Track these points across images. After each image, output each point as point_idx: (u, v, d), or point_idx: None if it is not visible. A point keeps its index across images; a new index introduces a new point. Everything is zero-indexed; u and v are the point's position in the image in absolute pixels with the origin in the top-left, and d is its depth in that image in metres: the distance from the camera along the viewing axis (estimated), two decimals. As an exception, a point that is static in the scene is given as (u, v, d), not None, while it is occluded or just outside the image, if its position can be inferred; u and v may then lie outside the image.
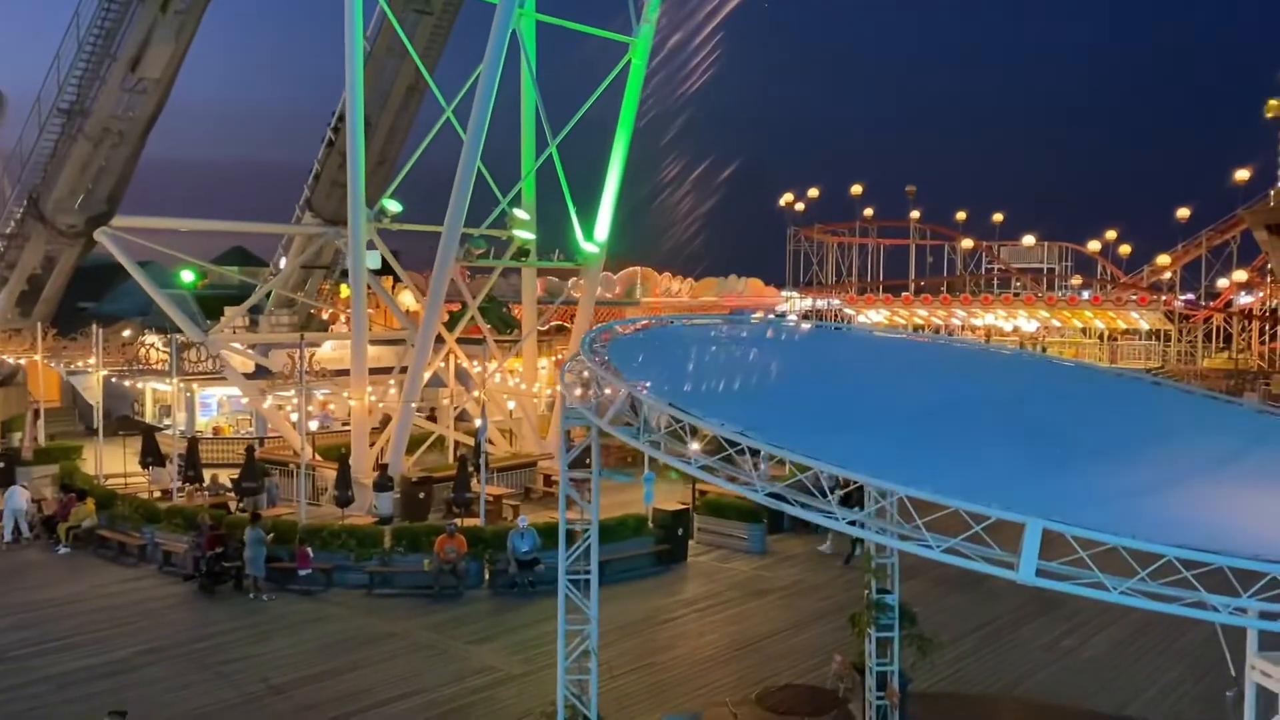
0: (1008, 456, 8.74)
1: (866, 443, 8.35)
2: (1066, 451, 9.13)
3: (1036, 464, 8.63)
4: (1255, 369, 61.60)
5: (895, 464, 7.51)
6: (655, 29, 33.14)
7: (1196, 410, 12.01)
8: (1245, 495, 8.53)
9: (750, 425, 7.98)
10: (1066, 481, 8.18)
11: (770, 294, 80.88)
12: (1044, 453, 9.03)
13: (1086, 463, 8.89)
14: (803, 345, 14.36)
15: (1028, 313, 68.33)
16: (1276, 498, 8.57)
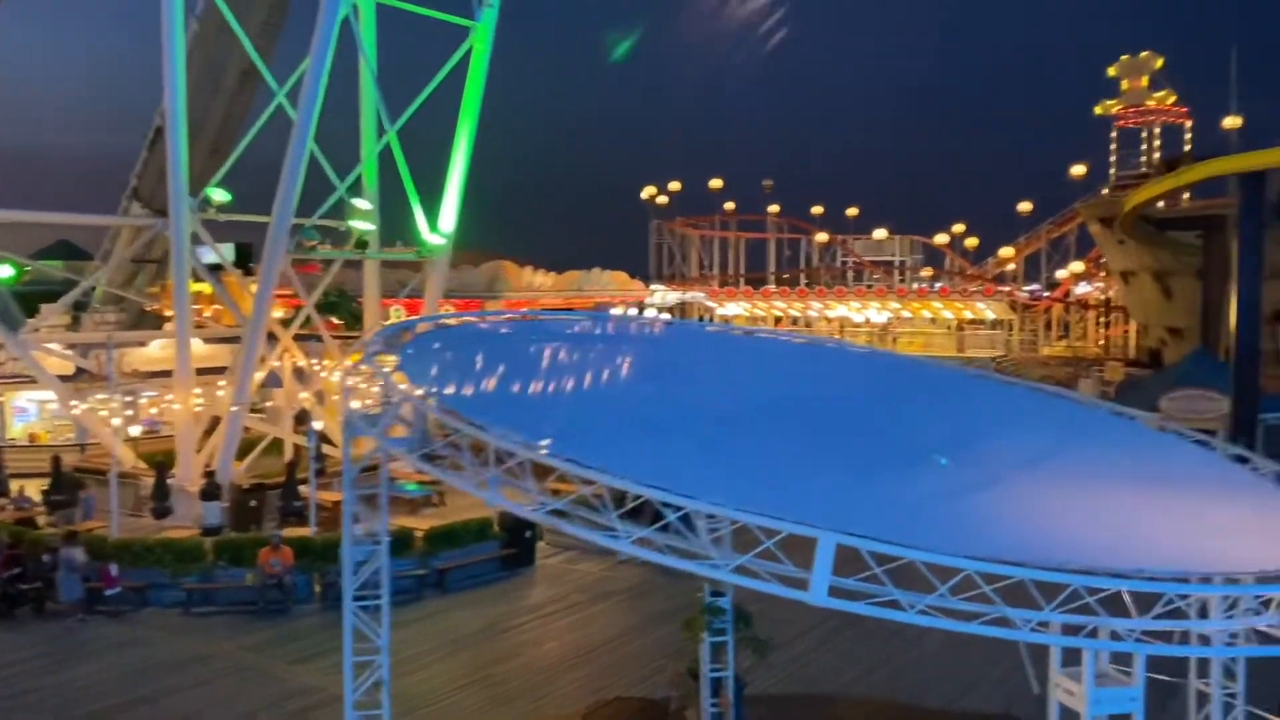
0: (816, 461, 8.29)
1: (664, 450, 7.74)
2: (881, 453, 8.75)
3: (846, 468, 8.19)
4: (1092, 356, 64.71)
5: (690, 472, 6.93)
6: (498, 13, 31.99)
7: (1018, 405, 11.91)
8: (1056, 495, 8.31)
9: (545, 434, 7.25)
10: (875, 487, 7.76)
11: (635, 286, 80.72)
12: (857, 455, 8.61)
13: (899, 465, 8.52)
14: (636, 344, 13.76)
15: (880, 304, 70.13)
16: (1087, 496, 8.37)
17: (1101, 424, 11.30)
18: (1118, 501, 8.41)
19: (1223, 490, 9.25)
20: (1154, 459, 10.00)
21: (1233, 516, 8.48)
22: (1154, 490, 8.87)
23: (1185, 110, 64.43)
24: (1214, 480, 9.56)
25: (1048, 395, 12.44)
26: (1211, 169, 31.85)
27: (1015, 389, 12.87)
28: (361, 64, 31.91)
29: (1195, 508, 8.57)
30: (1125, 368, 48.85)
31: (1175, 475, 9.43)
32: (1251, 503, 9.08)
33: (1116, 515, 7.97)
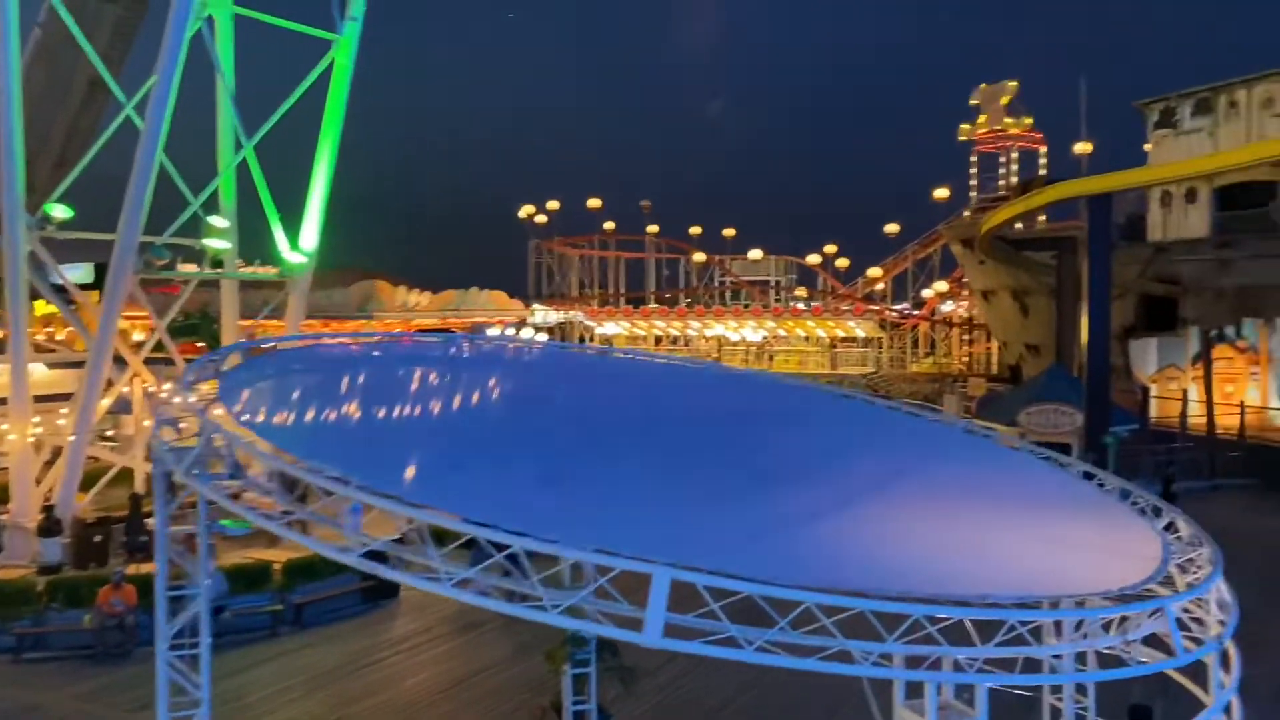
0: (664, 489, 8.00)
1: (503, 480, 7.32)
2: (734, 478, 8.51)
3: (694, 496, 7.92)
4: (957, 372, 66.93)
5: (526, 505, 6.51)
6: (361, 26, 31.11)
7: (876, 424, 11.89)
8: (906, 518, 8.21)
9: (369, 467, 6.72)
10: (723, 515, 7.50)
11: (514, 306, 79.88)
12: (708, 481, 8.35)
13: (751, 490, 8.30)
14: (490, 367, 13.26)
15: (756, 323, 71.11)
16: (937, 518, 8.29)
17: (955, 442, 11.36)
18: (967, 522, 8.36)
19: (1070, 508, 9.34)
20: (1004, 477, 10.06)
21: (1079, 535, 8.52)
22: (1003, 509, 8.87)
23: (1040, 136, 67.53)
24: (1061, 498, 9.65)
25: (904, 414, 12.48)
26: (1061, 192, 33.26)
27: (875, 408, 12.89)
28: (221, 73, 30.59)
29: (1043, 527, 8.58)
30: (987, 383, 50.62)
31: (1024, 493, 9.48)
32: (1097, 520, 9.18)
33: (964, 537, 7.90)
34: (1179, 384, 42.81)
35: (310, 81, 30.29)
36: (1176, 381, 43.23)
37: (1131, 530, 8.77)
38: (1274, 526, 27.92)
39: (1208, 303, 39.45)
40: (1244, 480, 34.64)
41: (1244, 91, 39.80)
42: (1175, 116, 42.50)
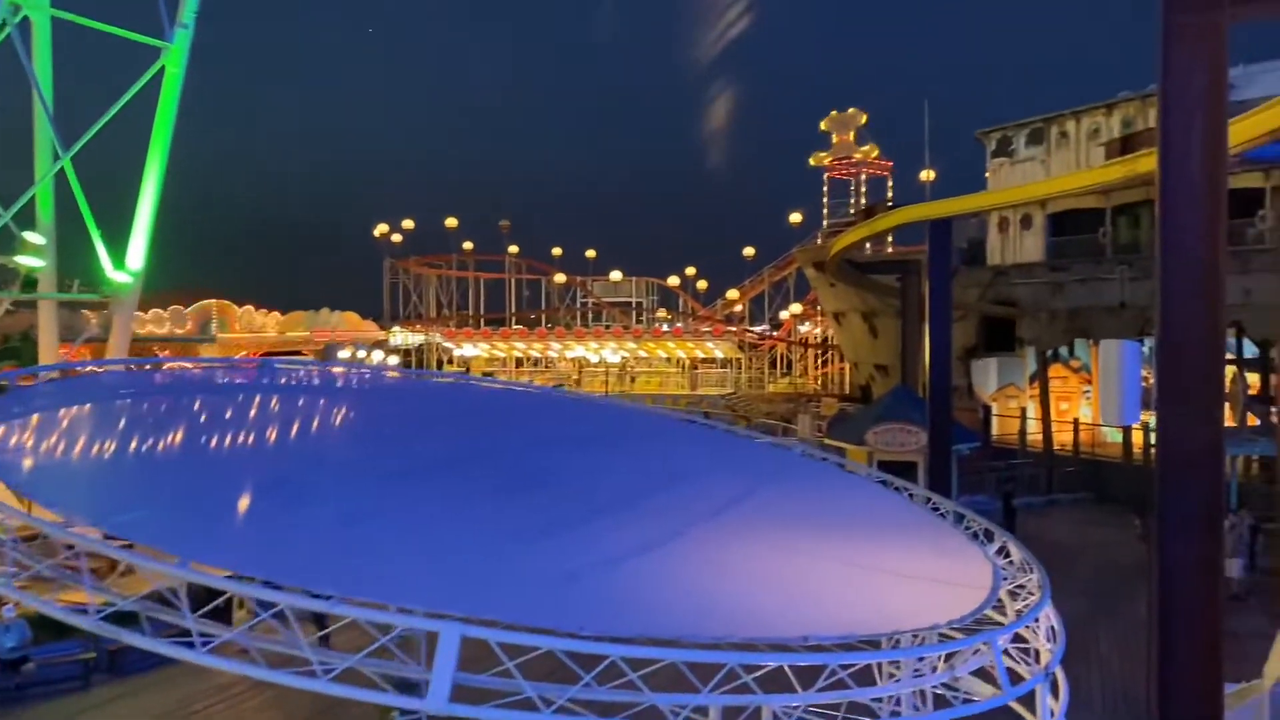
0: (472, 528, 7.39)
1: (292, 524, 6.57)
2: (552, 513, 7.97)
3: (503, 535, 7.34)
4: (812, 392, 68.34)
5: (307, 554, 5.79)
6: (192, 34, 29.48)
7: (714, 450, 11.56)
8: (732, 552, 7.83)
9: (127, 514, 5.88)
10: (531, 557, 6.94)
11: (367, 328, 77.55)
12: (523, 518, 7.78)
13: (569, 526, 7.77)
14: (305, 396, 12.36)
15: (617, 344, 70.99)
16: (765, 551, 7.94)
17: (792, 467, 11.13)
18: (797, 554, 8.04)
19: (902, 535, 9.15)
20: (838, 503, 9.84)
21: (911, 564, 8.31)
22: (834, 539, 8.60)
23: (889, 164, 69.87)
24: (895, 524, 9.47)
25: (743, 438, 12.22)
26: (902, 216, 34.21)
27: (715, 431, 12.59)
28: (37, 81, 28.45)
29: (874, 556, 8.34)
30: (839, 402, 51.72)
31: (857, 520, 9.26)
32: (930, 547, 9.02)
33: (792, 571, 7.58)
34: (1018, 402, 44.62)
35: (135, 91, 28.51)
36: (1016, 400, 45.06)
37: (963, 557, 8.62)
38: (1106, 538, 29.10)
39: (1043, 324, 41.28)
40: (1079, 494, 36.20)
41: (1073, 122, 42.04)
42: (1011, 146, 44.54)
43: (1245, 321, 34.41)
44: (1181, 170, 9.71)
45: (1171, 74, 9.95)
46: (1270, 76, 25.12)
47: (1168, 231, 9.76)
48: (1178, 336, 9.40)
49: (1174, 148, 9.85)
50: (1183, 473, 9.58)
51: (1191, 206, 9.55)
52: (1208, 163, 9.67)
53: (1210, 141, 9.67)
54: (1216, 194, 9.63)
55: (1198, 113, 9.85)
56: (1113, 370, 9.93)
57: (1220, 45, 10.00)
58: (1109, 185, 21.48)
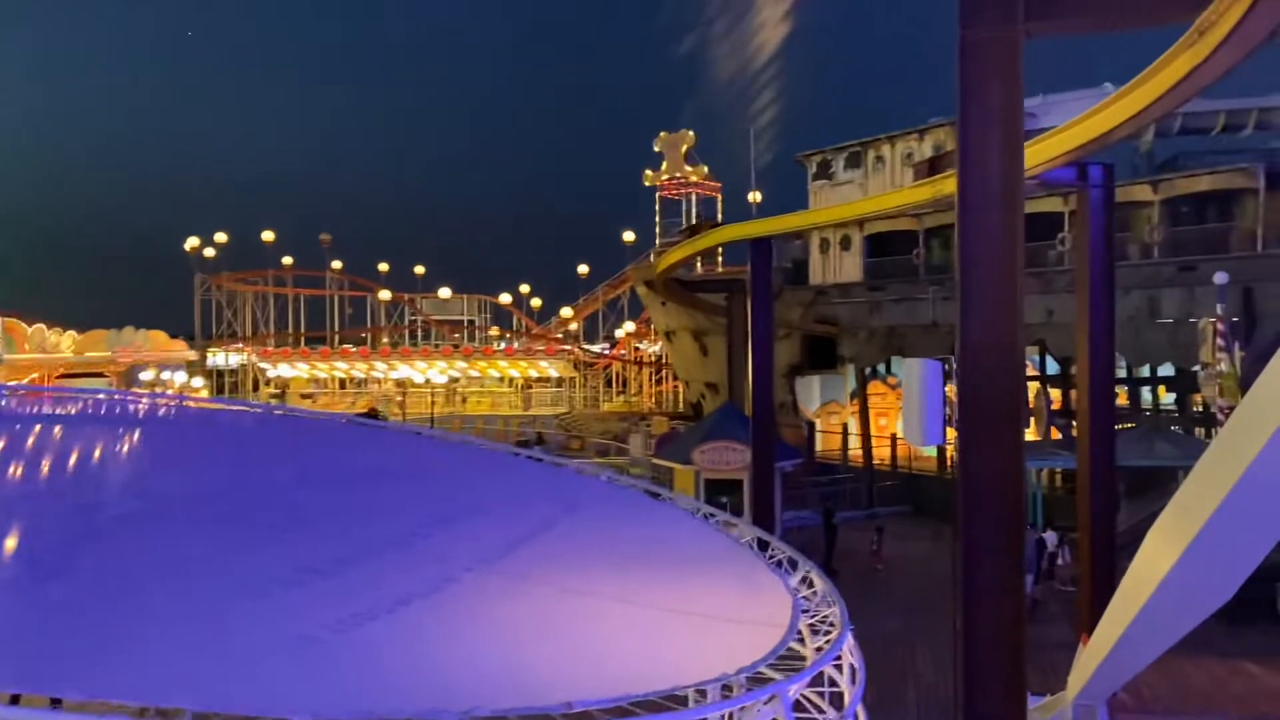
0: (192, 583, 6.25)
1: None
2: (307, 559, 6.91)
3: (232, 590, 6.24)
4: (646, 411, 68.32)
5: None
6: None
7: (514, 480, 10.69)
8: (512, 597, 6.98)
9: None
10: (258, 617, 5.88)
11: (177, 348, 72.82)
12: (262, 568, 6.70)
13: (324, 574, 6.74)
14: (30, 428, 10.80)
15: (447, 364, 69.16)
16: (543, 597, 7.11)
17: (593, 497, 10.38)
18: (582, 597, 7.25)
19: (703, 567, 8.52)
20: (639, 535, 9.13)
21: (704, 602, 7.64)
22: (627, 576, 7.86)
23: (718, 185, 70.87)
24: (697, 555, 8.83)
25: (549, 467, 11.39)
26: (724, 235, 34.39)
27: (518, 461, 11.70)
28: None
29: (666, 594, 7.64)
30: (670, 421, 51.72)
31: (654, 554, 8.56)
32: (728, 580, 8.42)
33: (573, 618, 6.79)
34: (840, 418, 45.64)
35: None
36: (838, 416, 46.07)
37: (762, 590, 8.04)
38: (923, 552, 29.72)
39: (861, 342, 42.36)
40: (898, 508, 37.11)
41: (888, 146, 43.47)
42: (831, 169, 45.68)
43: (1048, 340, 36.14)
44: (980, 181, 9.54)
45: (969, 88, 9.79)
46: (1070, 106, 26.35)
47: (967, 241, 9.57)
48: (976, 356, 9.17)
49: (972, 158, 9.68)
50: (984, 492, 9.35)
51: (990, 214, 9.37)
52: (1005, 173, 9.53)
53: (1007, 152, 9.53)
54: (1014, 204, 9.49)
55: (994, 125, 9.71)
56: (914, 391, 9.65)
57: (1015, 59, 9.90)
58: (917, 206, 21.93)
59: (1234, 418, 6.92)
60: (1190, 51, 10.92)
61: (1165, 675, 19.09)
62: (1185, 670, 19.62)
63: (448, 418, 61.86)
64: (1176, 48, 11.51)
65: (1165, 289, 32.69)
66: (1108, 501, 20.94)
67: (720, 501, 31.69)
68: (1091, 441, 20.28)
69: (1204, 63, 10.74)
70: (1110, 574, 20.67)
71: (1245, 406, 6.80)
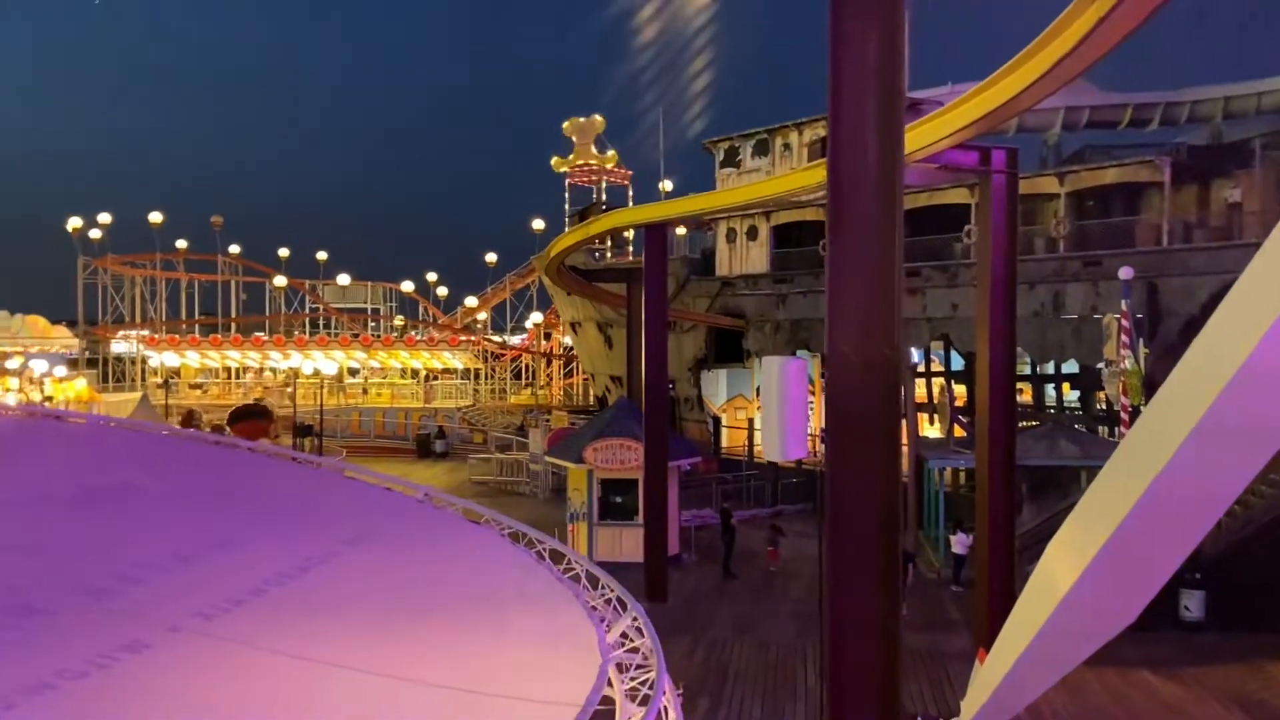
0: None
1: None
2: None
3: None
4: (554, 404, 66.40)
5: None
6: None
7: (307, 500, 8.87)
8: (219, 667, 5.25)
9: None
10: None
11: (59, 334, 68.56)
12: None
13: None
14: None
15: (346, 353, 66.34)
16: (270, 666, 5.39)
17: (400, 523, 8.62)
18: (319, 673, 5.53)
19: (501, 617, 6.85)
20: (431, 575, 7.41)
21: (499, 667, 5.98)
22: (395, 639, 6.15)
23: (628, 172, 69.18)
24: (498, 600, 7.16)
25: (355, 483, 9.59)
26: (613, 220, 32.77)
27: (321, 474, 9.86)
28: None
29: (442, 660, 5.95)
30: (571, 416, 49.98)
31: (455, 597, 6.87)
32: (533, 635, 6.76)
33: (295, 708, 5.08)
34: (746, 413, 44.46)
35: None
36: (744, 411, 44.90)
37: (568, 649, 6.41)
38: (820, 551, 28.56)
39: (767, 335, 41.15)
40: (801, 505, 36.03)
41: (795, 134, 42.30)
42: (738, 156, 44.37)
43: (953, 334, 35.33)
44: (853, 149, 8.02)
45: (841, 35, 8.25)
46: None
47: (838, 217, 8.05)
48: (846, 360, 7.65)
49: (845, 122, 8.15)
50: (854, 518, 7.85)
51: (863, 189, 7.85)
52: (882, 143, 8.03)
53: (884, 116, 8.02)
54: (891, 179, 7.98)
55: (870, 86, 8.20)
56: (773, 396, 8.11)
57: (896, 13, 8.42)
58: (812, 190, 20.55)
59: (1140, 422, 5.77)
60: (1093, 8, 9.58)
61: (1068, 691, 18.15)
62: (1087, 683, 18.72)
63: (343, 410, 59.24)
64: (1075, 7, 10.20)
65: (1070, 283, 32.03)
66: (1008, 502, 19.91)
67: (614, 501, 30.26)
68: (991, 440, 19.21)
69: (1102, 22, 9.42)
70: (1009, 581, 19.66)
71: (1152, 410, 5.66)
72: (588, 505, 29.62)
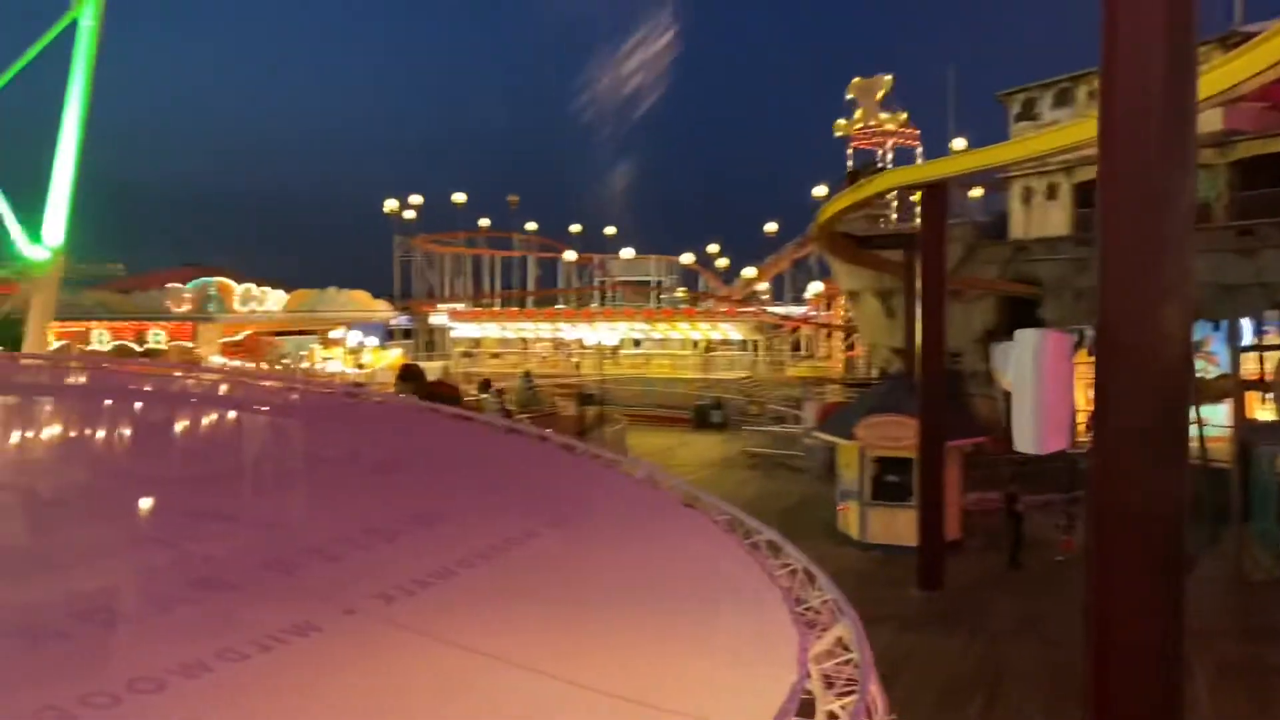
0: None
1: None
2: (171, 579, 5.11)
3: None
4: (835, 377, 64.71)
5: None
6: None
7: (511, 473, 8.64)
8: (382, 655, 4.98)
9: None
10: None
11: (379, 307, 75.35)
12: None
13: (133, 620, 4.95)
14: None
15: (629, 324, 68.07)
16: (438, 654, 5.08)
17: (611, 504, 8.19)
18: (480, 665, 5.15)
19: (697, 624, 6.20)
20: (623, 567, 6.88)
21: (674, 683, 5.39)
22: (571, 638, 5.68)
23: (916, 131, 65.88)
24: (699, 603, 6.52)
25: (577, 459, 9.26)
26: (888, 181, 30.77)
27: (541, 448, 9.63)
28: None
29: (622, 671, 5.42)
30: (847, 389, 48.32)
31: (630, 601, 6.32)
32: (731, 634, 6.08)
33: (441, 699, 4.72)
34: (1041, 389, 40.95)
35: (39, 48, 26.05)
36: (1039, 386, 41.38)
37: (766, 662, 5.66)
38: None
39: (1066, 304, 37.57)
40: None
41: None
42: (1036, 108, 40.70)
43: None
44: (1131, 94, 6.57)
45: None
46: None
47: (1113, 166, 6.65)
48: (1120, 329, 6.29)
49: (1122, 56, 6.70)
50: (1128, 526, 6.49)
51: (1145, 120, 6.40)
52: (1168, 79, 6.52)
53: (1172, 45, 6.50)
54: (1183, 111, 6.46)
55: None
56: (1027, 375, 6.83)
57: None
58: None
59: None
60: None
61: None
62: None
63: (625, 380, 60.82)
64: None
65: None
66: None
67: (888, 481, 28.70)
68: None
69: None
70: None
71: None
72: (859, 484, 28.38)
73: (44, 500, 6.86)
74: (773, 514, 31.35)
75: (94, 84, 26.76)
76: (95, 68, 26.63)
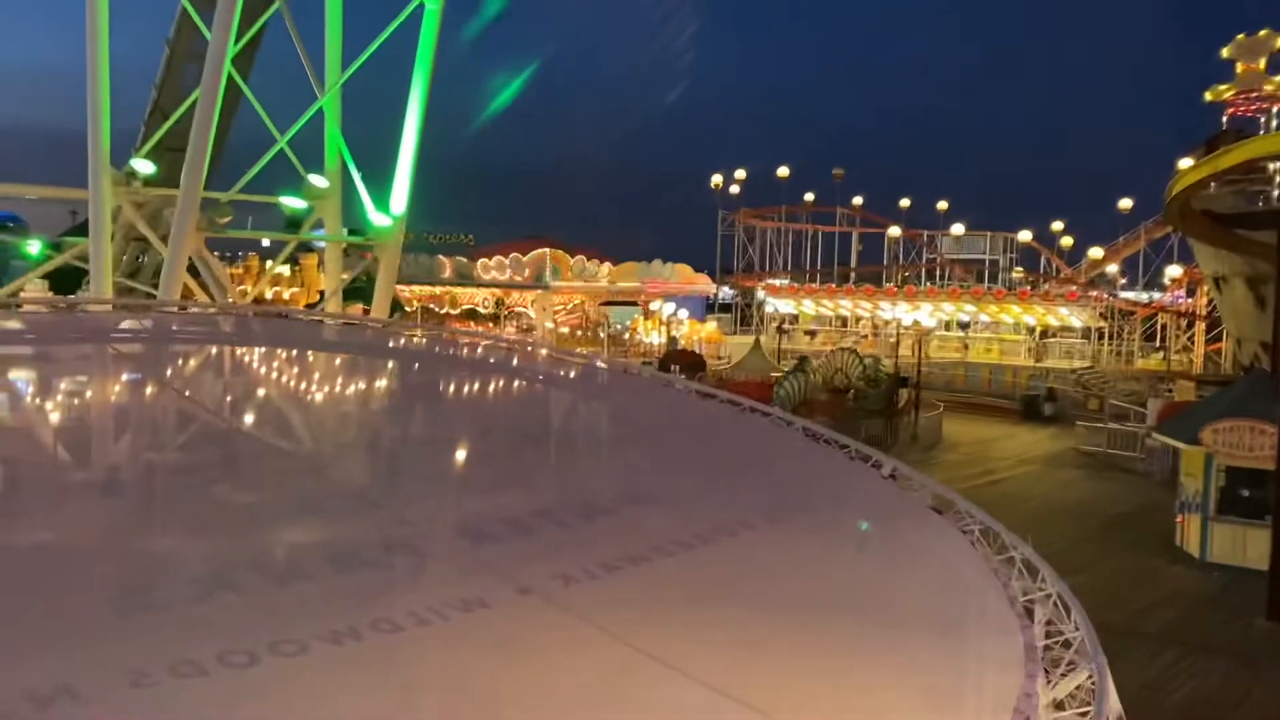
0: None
1: None
2: (343, 542, 5.19)
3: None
4: (1190, 373, 57.64)
5: None
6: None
7: (746, 454, 8.08)
8: (539, 649, 4.69)
9: None
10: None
11: (700, 281, 76.87)
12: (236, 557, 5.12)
13: (322, 574, 4.96)
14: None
15: (955, 305, 64.55)
16: (599, 660, 4.71)
17: (838, 500, 7.43)
18: (646, 674, 4.71)
19: (926, 644, 5.39)
20: (853, 569, 6.14)
21: (888, 695, 4.71)
22: (758, 652, 5.09)
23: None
24: (921, 617, 5.68)
25: (821, 444, 8.53)
26: (1256, 149, 26.35)
27: (783, 431, 8.98)
28: (334, 22, 29.42)
29: (838, 678, 4.80)
30: (1199, 387, 42.66)
31: (853, 601, 5.59)
32: (958, 665, 5.23)
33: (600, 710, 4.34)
34: None
35: (393, 28, 28.38)
36: None
37: (974, 700, 4.78)
38: None
39: None
40: None
41: None
42: None
43: None
44: None
45: None
46: None
47: None
48: None
49: None
50: None
51: None
52: None
53: None
54: None
55: None
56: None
57: None
58: None
59: None
60: None
61: None
62: None
63: (949, 364, 57.75)
64: None
65: None
66: None
67: (1240, 495, 24.97)
68: None
69: None
70: None
71: None
72: (1203, 495, 24.94)
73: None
74: (1098, 522, 28.29)
75: (436, 67, 28.97)
76: (436, 50, 28.85)
